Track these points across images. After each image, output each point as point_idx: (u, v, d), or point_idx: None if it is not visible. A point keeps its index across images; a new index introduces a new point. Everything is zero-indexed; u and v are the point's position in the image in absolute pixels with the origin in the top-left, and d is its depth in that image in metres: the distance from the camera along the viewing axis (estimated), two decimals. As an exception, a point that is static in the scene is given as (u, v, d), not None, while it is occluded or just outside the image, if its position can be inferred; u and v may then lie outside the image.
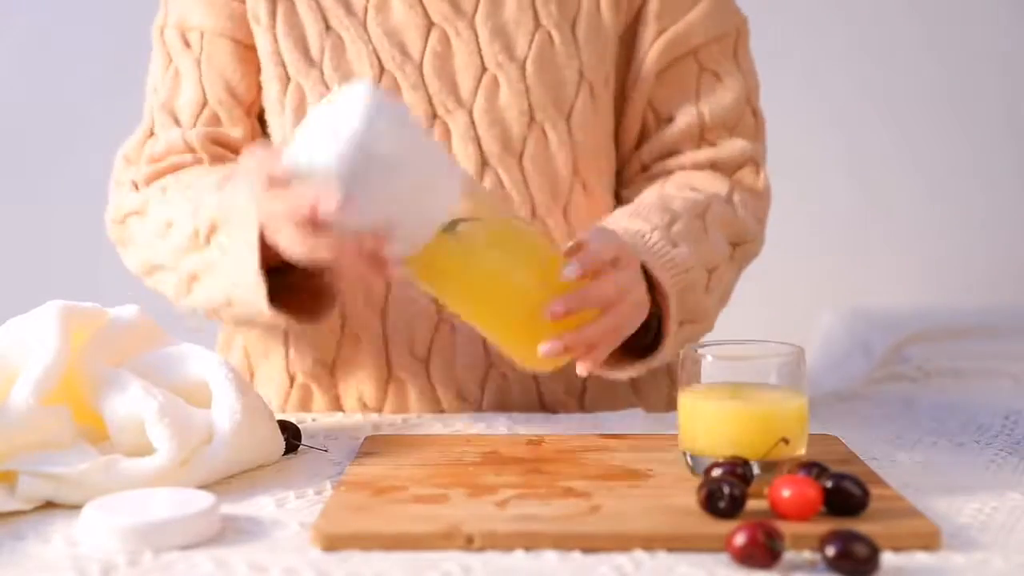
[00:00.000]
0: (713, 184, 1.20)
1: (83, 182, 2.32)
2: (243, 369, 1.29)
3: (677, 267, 1.08)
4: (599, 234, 1.02)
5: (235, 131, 1.22)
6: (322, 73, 1.19)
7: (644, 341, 1.09)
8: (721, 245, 1.16)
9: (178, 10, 1.22)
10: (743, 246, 1.19)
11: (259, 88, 1.23)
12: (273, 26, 1.20)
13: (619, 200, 1.26)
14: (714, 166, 1.23)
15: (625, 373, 1.10)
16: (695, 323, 1.13)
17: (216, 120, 1.22)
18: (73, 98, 2.33)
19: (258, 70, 1.22)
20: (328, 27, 1.19)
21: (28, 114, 2.35)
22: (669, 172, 1.24)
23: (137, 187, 1.20)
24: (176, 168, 1.20)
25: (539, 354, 0.97)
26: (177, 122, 1.22)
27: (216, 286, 1.08)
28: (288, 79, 1.20)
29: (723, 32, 1.24)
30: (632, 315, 1.02)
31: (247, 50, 1.22)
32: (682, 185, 1.19)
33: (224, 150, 1.22)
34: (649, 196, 1.18)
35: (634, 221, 1.11)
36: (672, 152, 1.24)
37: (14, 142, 2.36)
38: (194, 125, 1.21)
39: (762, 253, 1.25)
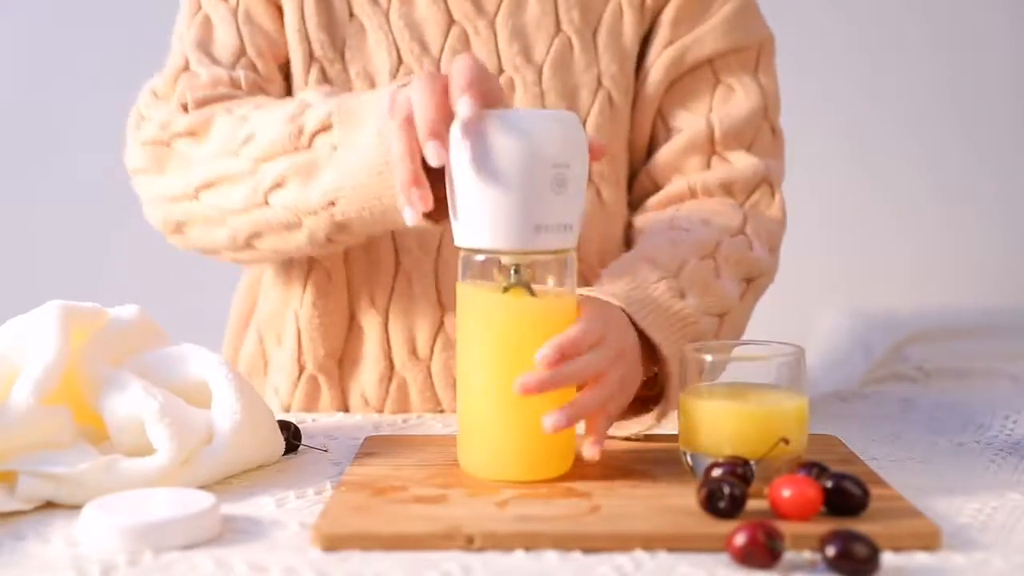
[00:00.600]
0: (725, 214, 1.16)
1: (83, 182, 2.34)
2: (257, 356, 1.29)
3: (683, 320, 1.01)
4: (590, 310, 0.94)
5: (271, 86, 1.20)
6: (343, 58, 1.20)
7: (652, 391, 1.02)
8: (733, 286, 1.09)
9: None
10: (756, 280, 1.14)
11: (287, 53, 1.21)
12: (302, 1, 1.20)
13: (628, 225, 1.24)
14: (727, 189, 1.19)
15: (629, 429, 1.02)
16: None
17: (254, 68, 1.19)
18: (72, 98, 2.34)
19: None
20: (352, 14, 1.20)
21: (27, 114, 2.35)
22: (680, 198, 1.20)
23: (187, 109, 1.14)
24: (230, 99, 1.15)
25: (544, 429, 0.89)
26: (215, 62, 1.19)
27: (316, 186, 1.03)
28: (312, 58, 1.20)
29: (742, 44, 1.22)
30: (618, 396, 0.94)
31: (279, 12, 1.21)
32: (693, 218, 1.15)
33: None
34: (658, 233, 1.13)
35: (641, 268, 1.04)
36: (680, 166, 1.21)
37: (14, 142, 2.36)
38: (234, 68, 1.19)
39: (762, 252, 1.24)
